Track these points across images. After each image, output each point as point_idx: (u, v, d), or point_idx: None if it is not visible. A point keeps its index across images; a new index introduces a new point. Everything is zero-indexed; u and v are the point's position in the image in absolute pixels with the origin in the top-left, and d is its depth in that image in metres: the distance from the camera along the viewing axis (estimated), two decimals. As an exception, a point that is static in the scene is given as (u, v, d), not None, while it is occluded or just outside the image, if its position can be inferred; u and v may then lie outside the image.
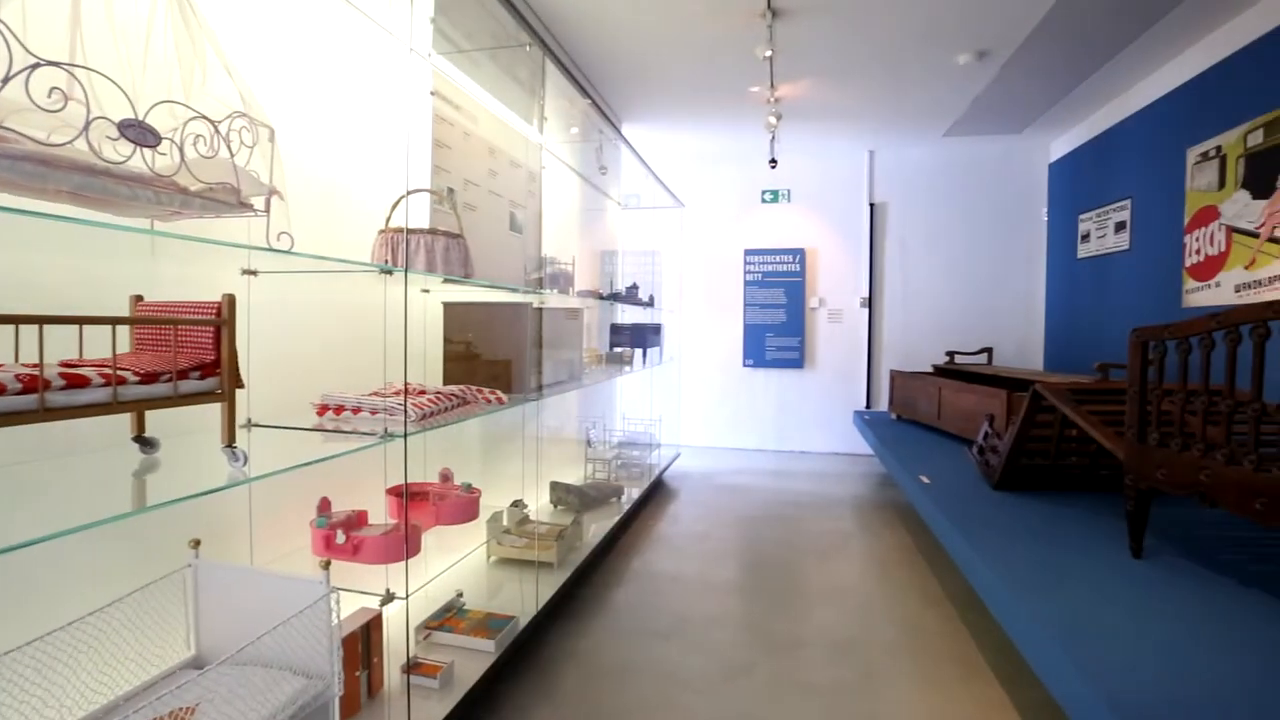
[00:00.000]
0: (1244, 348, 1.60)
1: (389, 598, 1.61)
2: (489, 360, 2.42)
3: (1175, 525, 2.33)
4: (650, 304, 4.68)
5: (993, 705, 2.00)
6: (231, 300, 1.24)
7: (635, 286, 4.35)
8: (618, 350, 4.24)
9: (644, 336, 4.39)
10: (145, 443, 1.29)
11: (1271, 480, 1.52)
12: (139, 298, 1.33)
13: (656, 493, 4.59)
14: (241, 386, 1.28)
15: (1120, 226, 4.45)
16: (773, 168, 4.83)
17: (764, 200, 6.17)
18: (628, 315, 4.74)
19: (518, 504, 2.83)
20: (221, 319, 1.24)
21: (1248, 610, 1.66)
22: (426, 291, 2.42)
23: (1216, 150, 3.46)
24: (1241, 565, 1.97)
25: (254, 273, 1.61)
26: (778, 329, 6.12)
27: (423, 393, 1.93)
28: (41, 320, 0.96)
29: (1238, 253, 3.30)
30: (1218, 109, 3.46)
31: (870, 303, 5.96)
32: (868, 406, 5.98)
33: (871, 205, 5.93)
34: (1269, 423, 1.57)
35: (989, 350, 5.22)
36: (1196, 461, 1.74)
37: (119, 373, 1.07)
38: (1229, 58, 3.38)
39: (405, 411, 1.67)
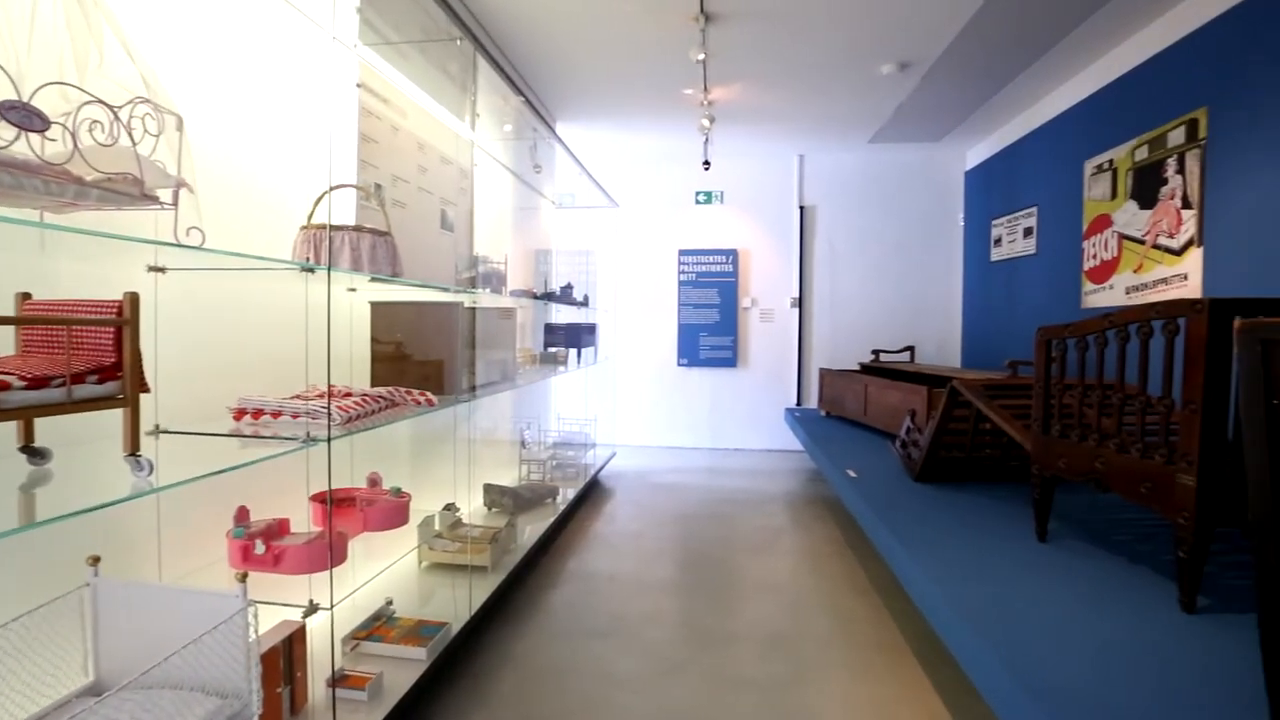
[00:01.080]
0: (1134, 345, 1.74)
1: (313, 609, 1.55)
2: (419, 361, 2.36)
3: (1075, 510, 2.50)
4: (585, 304, 4.67)
5: (915, 687, 2.09)
6: (134, 298, 1.16)
7: (570, 286, 4.33)
8: (552, 350, 4.21)
9: (579, 336, 4.38)
10: (34, 453, 1.19)
11: (1155, 466, 1.65)
12: (26, 295, 1.23)
13: (592, 492, 4.58)
14: (146, 391, 1.21)
15: (1028, 232, 4.74)
16: (706, 169, 4.92)
17: (698, 201, 6.25)
18: (562, 315, 4.71)
19: (450, 507, 2.77)
20: (123, 319, 1.15)
21: (1135, 586, 1.80)
22: (353, 290, 2.33)
23: (1109, 163, 3.74)
24: (1130, 545, 2.13)
25: (162, 270, 1.51)
26: (711, 328, 6.21)
27: (348, 395, 1.86)
28: (-90, 320, 0.87)
29: (1128, 258, 3.57)
30: (1110, 125, 3.74)
31: (800, 303, 6.14)
32: (798, 404, 6.16)
33: (801, 208, 6.11)
34: (1152, 413, 1.71)
35: (911, 348, 5.47)
36: (1093, 450, 1.88)
37: (1, 377, 0.98)
38: (1120, 78, 3.66)
39: (329, 414, 1.61)
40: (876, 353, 5.30)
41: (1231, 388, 1.52)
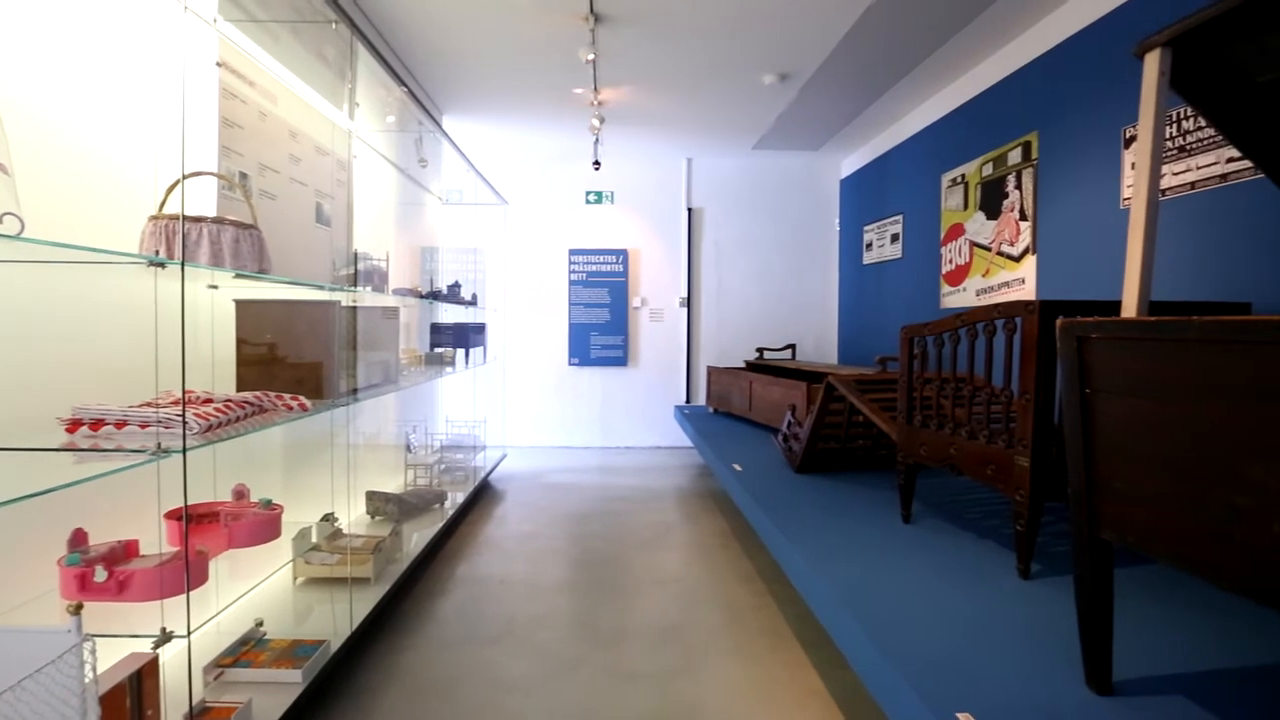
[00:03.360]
0: (981, 342, 1.93)
1: (166, 637, 1.41)
2: (293, 363, 2.20)
3: (936, 493, 2.75)
4: (473, 303, 4.55)
5: (797, 667, 2.22)
6: (-65, 296, 1.01)
7: (457, 285, 4.20)
8: (439, 350, 4.07)
9: (467, 336, 4.26)
10: None
11: (997, 450, 1.85)
12: None
13: (483, 495, 4.48)
14: (-47, 401, 1.05)
15: (895, 238, 5.14)
16: (596, 169, 4.93)
17: (588, 201, 6.26)
18: (449, 314, 4.57)
19: (329, 518, 2.61)
20: (-79, 319, 1.00)
21: (982, 557, 2.01)
22: (214, 288, 2.14)
23: (961, 178, 4.13)
24: (979, 522, 2.38)
25: (-29, 262, 1.32)
26: (602, 328, 6.25)
27: (208, 401, 1.71)
28: None
29: (977, 263, 3.96)
30: (963, 142, 4.13)
31: (689, 302, 6.31)
32: (688, 401, 6.32)
33: (689, 210, 6.28)
34: (996, 403, 1.91)
35: (793, 346, 5.76)
36: (948, 438, 2.07)
37: None
38: (970, 101, 4.05)
39: (184, 423, 1.47)
40: (760, 350, 5.55)
41: (1058, 379, 1.72)
